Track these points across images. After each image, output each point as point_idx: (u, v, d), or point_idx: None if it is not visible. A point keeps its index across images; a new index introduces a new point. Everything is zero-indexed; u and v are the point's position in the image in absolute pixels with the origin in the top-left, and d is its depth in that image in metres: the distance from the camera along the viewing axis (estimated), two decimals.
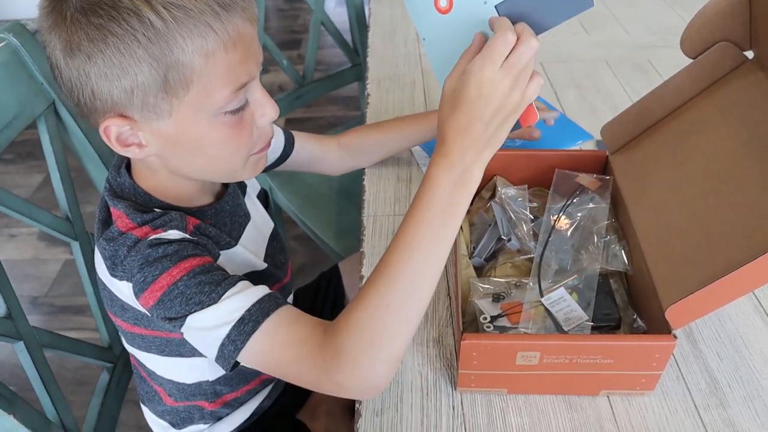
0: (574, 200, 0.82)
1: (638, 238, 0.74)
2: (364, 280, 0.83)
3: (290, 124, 2.48)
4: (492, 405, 0.70)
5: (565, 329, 0.70)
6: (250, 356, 0.61)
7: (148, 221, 0.66)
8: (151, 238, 0.64)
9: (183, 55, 0.57)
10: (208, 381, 0.80)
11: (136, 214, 0.66)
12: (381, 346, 0.58)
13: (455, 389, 0.71)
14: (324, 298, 1.13)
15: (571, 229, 0.80)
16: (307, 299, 1.12)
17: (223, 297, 0.61)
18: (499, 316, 0.73)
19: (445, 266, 0.63)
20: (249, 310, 0.60)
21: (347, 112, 2.68)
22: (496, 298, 0.76)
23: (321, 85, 1.65)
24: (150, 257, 0.63)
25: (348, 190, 1.47)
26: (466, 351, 0.65)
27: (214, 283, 0.62)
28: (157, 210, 0.68)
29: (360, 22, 1.64)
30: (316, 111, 2.68)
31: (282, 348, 0.60)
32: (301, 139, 0.96)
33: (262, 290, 0.63)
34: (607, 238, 0.79)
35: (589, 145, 1.08)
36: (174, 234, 0.66)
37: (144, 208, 0.68)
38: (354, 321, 0.59)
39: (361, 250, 0.90)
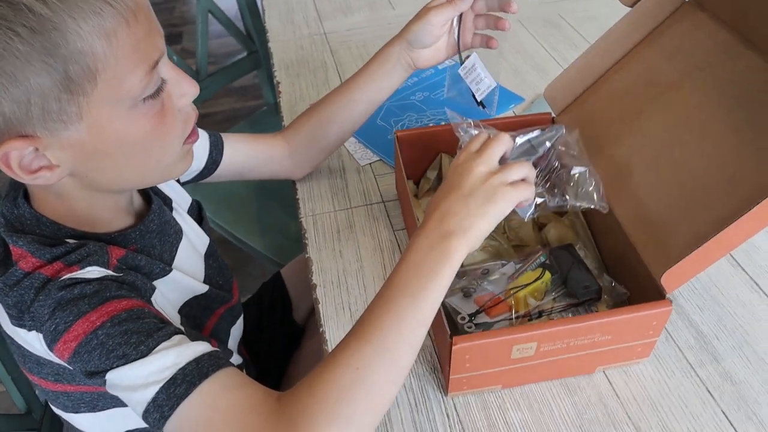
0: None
1: (609, 202, 0.70)
2: (317, 291, 0.75)
3: None
4: (488, 405, 0.64)
5: (478, 98, 0.78)
6: (182, 424, 0.49)
7: (60, 256, 0.54)
8: (65, 277, 0.53)
9: (80, 41, 0.47)
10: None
11: (43, 249, 0.54)
12: (346, 416, 0.48)
13: (445, 395, 0.65)
14: (271, 311, 1.02)
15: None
16: (251, 315, 1.01)
17: (153, 351, 0.50)
18: (477, 312, 0.67)
19: None
20: (183, 368, 0.49)
21: (245, 102, 2.52)
22: (466, 292, 0.69)
23: (218, 78, 1.51)
24: (63, 300, 0.52)
25: (265, 185, 1.36)
26: (458, 355, 0.58)
27: (144, 333, 0.51)
28: (69, 241, 0.56)
29: (251, 7, 1.51)
30: (211, 106, 2.51)
31: (224, 415, 0.49)
32: (233, 142, 0.83)
33: (202, 347, 0.52)
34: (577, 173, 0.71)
35: (521, 108, 1.04)
36: (93, 272, 0.55)
37: (52, 240, 0.56)
38: (317, 383, 0.49)
39: (306, 255, 0.81)
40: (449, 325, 0.59)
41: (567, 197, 0.64)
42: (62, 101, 0.48)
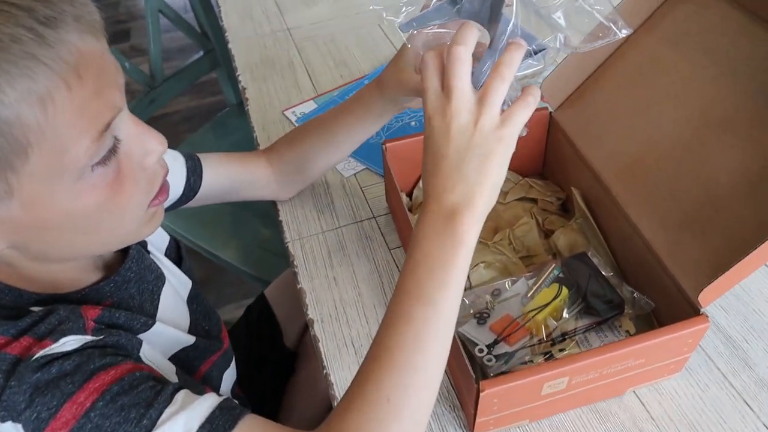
0: None
1: (620, 204, 0.65)
2: (315, 328, 0.68)
3: None
4: None
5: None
6: None
7: (27, 329, 0.47)
8: (38, 355, 0.46)
9: (5, 110, 0.39)
10: None
11: (5, 323, 0.47)
12: None
13: None
14: (259, 338, 0.95)
15: None
16: (240, 345, 0.94)
17: (158, 423, 0.45)
18: (496, 342, 0.61)
19: None
20: None
21: (202, 100, 2.40)
22: (480, 318, 0.64)
23: (175, 81, 1.41)
24: (41, 383, 0.44)
25: None
26: (486, 401, 0.53)
27: (143, 404, 0.45)
28: (35, 309, 0.49)
29: (204, 2, 1.40)
30: (166, 106, 2.38)
31: None
32: (214, 164, 0.74)
33: (210, 401, 0.47)
34: None
35: None
36: (70, 342, 0.47)
37: (15, 310, 0.49)
38: (349, 422, 0.44)
39: (299, 286, 0.74)
40: (466, 355, 0.54)
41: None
42: None
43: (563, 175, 0.78)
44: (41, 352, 0.46)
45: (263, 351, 0.96)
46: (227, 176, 0.75)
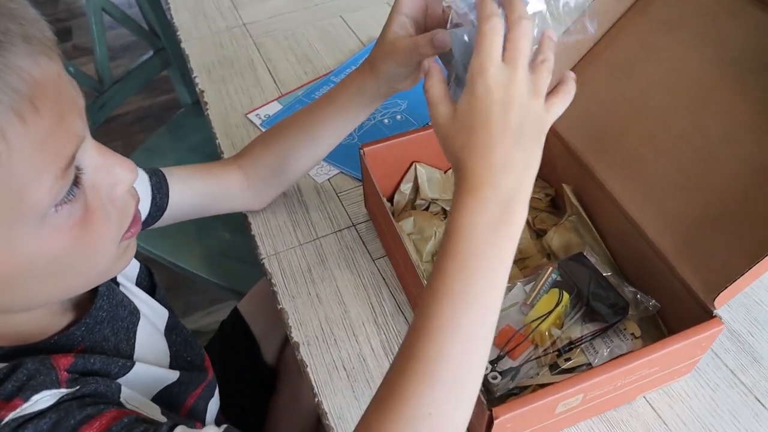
0: None
1: (618, 201, 0.62)
2: (302, 351, 0.63)
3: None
4: None
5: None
6: None
7: None
8: (8, 419, 0.40)
9: None
10: None
11: None
12: None
13: None
14: (236, 356, 0.89)
15: None
16: (214, 359, 0.88)
17: None
18: (500, 358, 0.57)
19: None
20: None
21: (155, 99, 2.29)
22: None
23: (125, 84, 1.32)
24: None
25: None
26: (500, 428, 0.49)
27: None
28: (1, 365, 0.42)
29: None
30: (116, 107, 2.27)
31: None
32: (182, 178, 0.67)
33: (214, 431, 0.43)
34: None
35: None
36: (44, 399, 0.41)
37: None
38: None
39: (279, 307, 0.69)
40: None
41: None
42: None
43: (550, 170, 0.74)
44: (11, 415, 0.40)
45: (241, 369, 0.90)
46: (196, 190, 0.69)
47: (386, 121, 0.88)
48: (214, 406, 0.69)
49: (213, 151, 0.92)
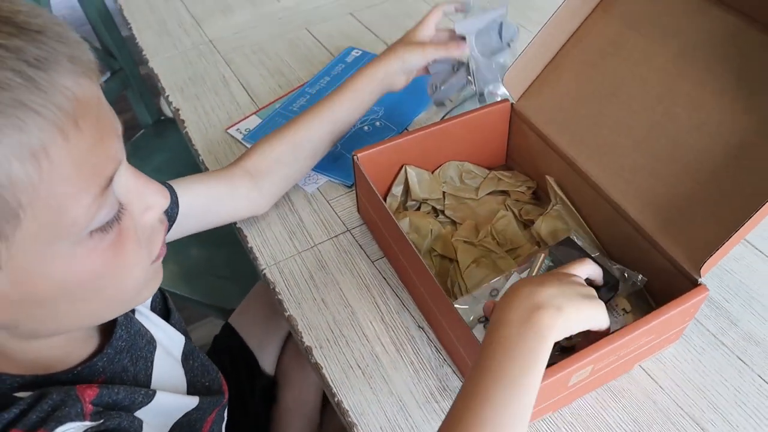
0: None
1: (601, 186, 0.67)
2: (315, 354, 0.64)
3: None
4: None
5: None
6: None
7: (15, 421, 0.41)
8: None
9: None
10: None
11: None
12: None
13: None
14: (234, 368, 0.90)
15: None
16: None
17: None
18: None
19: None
20: None
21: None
22: (487, 322, 0.63)
23: None
24: None
25: None
26: None
27: None
28: (23, 395, 0.43)
29: (104, 17, 1.30)
30: None
31: None
32: (188, 184, 0.68)
33: None
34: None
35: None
36: (69, 431, 0.42)
37: (2, 398, 0.42)
38: None
39: (287, 314, 0.71)
40: None
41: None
42: None
43: (530, 164, 0.79)
44: None
45: (240, 382, 0.91)
46: (203, 196, 0.70)
47: (366, 128, 0.91)
48: (224, 427, 0.70)
49: (180, 171, 0.90)
